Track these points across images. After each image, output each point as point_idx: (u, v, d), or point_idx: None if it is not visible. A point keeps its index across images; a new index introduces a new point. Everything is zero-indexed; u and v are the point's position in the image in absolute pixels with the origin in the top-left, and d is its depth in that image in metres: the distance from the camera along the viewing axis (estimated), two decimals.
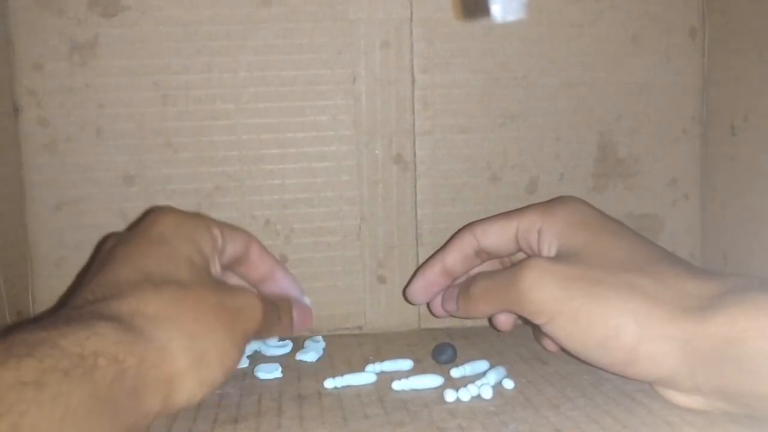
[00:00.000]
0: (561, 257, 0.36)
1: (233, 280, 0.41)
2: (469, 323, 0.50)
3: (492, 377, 0.38)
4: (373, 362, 0.41)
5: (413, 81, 0.49)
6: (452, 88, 0.49)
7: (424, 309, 0.50)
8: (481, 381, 0.37)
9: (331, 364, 0.42)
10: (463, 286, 0.41)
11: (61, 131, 0.46)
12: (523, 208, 0.41)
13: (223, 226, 0.39)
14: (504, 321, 0.42)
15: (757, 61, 0.45)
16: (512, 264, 0.40)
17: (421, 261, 0.49)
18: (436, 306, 0.44)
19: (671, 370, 0.32)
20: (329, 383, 0.39)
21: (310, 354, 0.43)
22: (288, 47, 0.47)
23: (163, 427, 0.33)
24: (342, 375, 0.39)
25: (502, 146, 0.50)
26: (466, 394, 0.36)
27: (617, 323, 0.32)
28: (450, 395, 0.36)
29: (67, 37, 0.46)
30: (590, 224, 0.37)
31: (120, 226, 0.47)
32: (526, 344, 0.44)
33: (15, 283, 0.45)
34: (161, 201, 0.47)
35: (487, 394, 0.36)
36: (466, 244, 0.42)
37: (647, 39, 0.50)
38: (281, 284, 0.42)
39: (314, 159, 0.48)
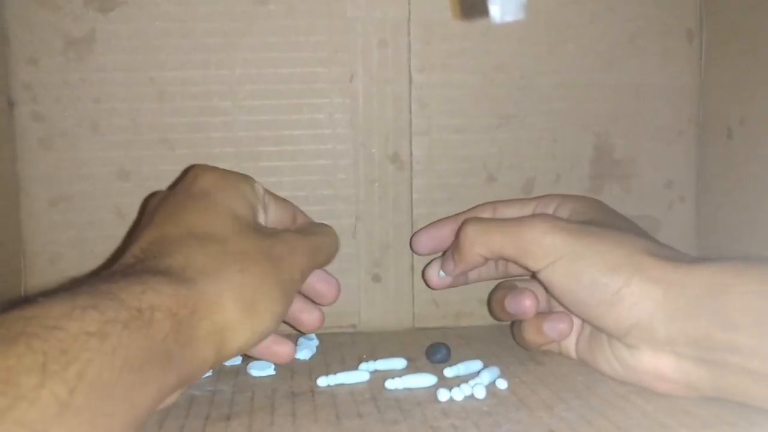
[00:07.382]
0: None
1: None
2: (463, 323, 0.50)
3: (485, 377, 0.38)
4: (367, 361, 0.41)
5: (410, 80, 0.49)
6: (449, 88, 0.49)
7: (418, 309, 0.50)
8: (474, 381, 0.37)
9: (324, 362, 0.42)
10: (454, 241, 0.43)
11: (56, 126, 0.46)
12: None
13: (268, 191, 0.41)
14: (531, 305, 0.40)
15: (753, 64, 0.45)
16: None
17: (416, 261, 0.49)
18: (433, 275, 0.45)
19: (650, 314, 0.34)
20: (322, 381, 0.38)
21: (304, 352, 0.43)
22: (285, 45, 0.47)
23: (155, 424, 0.33)
24: (335, 373, 0.39)
25: (498, 147, 0.50)
26: (459, 394, 0.36)
27: (613, 265, 0.35)
28: (443, 395, 0.36)
29: (63, 31, 0.46)
30: (600, 210, 0.42)
31: (115, 222, 0.47)
32: None
33: (8, 279, 0.45)
34: None
35: (480, 393, 0.36)
36: (484, 213, 0.46)
37: (644, 41, 0.50)
38: None
39: (310, 157, 0.48)
